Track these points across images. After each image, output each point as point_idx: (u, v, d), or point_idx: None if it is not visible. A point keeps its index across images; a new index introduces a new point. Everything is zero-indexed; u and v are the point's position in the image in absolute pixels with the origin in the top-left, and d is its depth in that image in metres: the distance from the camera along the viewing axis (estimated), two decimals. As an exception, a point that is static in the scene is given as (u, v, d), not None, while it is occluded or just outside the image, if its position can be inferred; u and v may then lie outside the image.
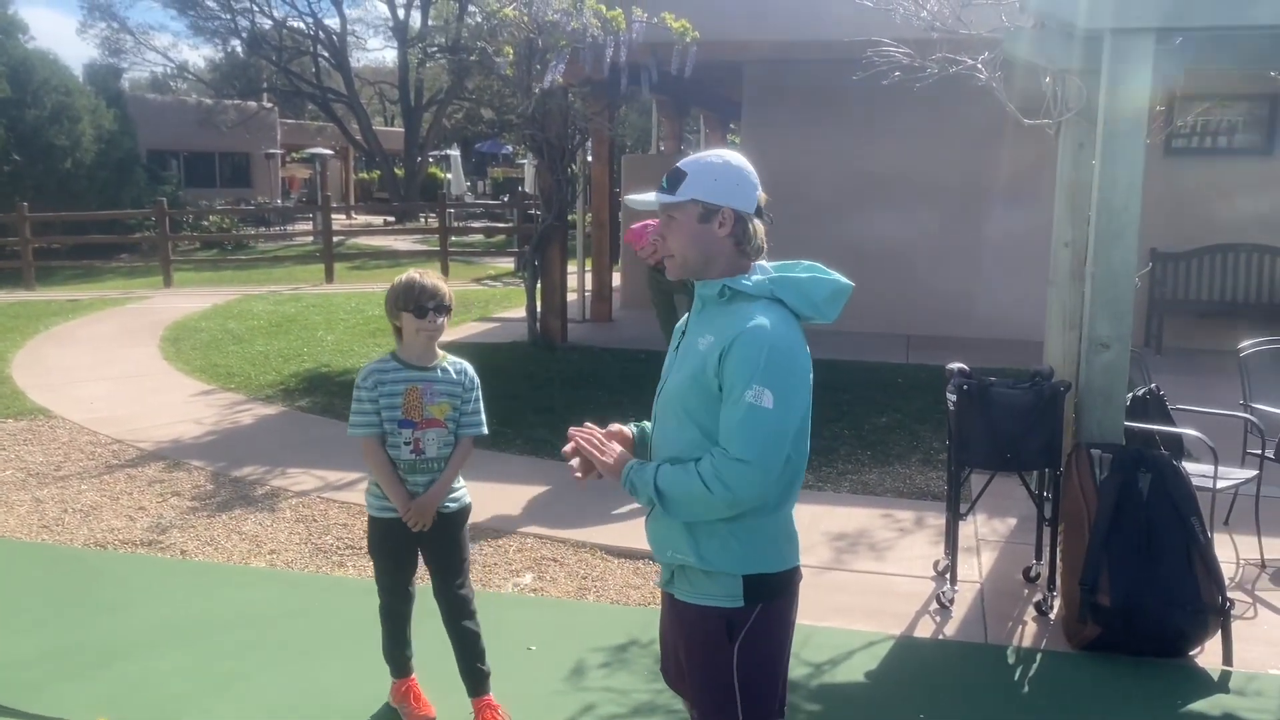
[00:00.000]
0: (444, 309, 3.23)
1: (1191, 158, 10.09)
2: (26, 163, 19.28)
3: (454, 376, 3.29)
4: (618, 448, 2.28)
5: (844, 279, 2.22)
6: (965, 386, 4.23)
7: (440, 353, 3.33)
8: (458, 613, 3.36)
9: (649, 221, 6.02)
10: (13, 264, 16.60)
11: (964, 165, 10.58)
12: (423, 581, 3.44)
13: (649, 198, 2.25)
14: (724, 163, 2.20)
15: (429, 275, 3.25)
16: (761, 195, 2.21)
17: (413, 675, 3.52)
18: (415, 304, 3.18)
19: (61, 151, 19.98)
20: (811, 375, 2.17)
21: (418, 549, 3.38)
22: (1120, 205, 4.12)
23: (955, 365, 4.41)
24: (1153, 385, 4.95)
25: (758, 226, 2.20)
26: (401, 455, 3.23)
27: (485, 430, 3.40)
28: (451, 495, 3.33)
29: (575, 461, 2.30)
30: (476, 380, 3.35)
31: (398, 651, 3.49)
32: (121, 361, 9.84)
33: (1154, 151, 4.29)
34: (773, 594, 2.19)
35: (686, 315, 2.34)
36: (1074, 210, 5.24)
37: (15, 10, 20.92)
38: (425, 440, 3.22)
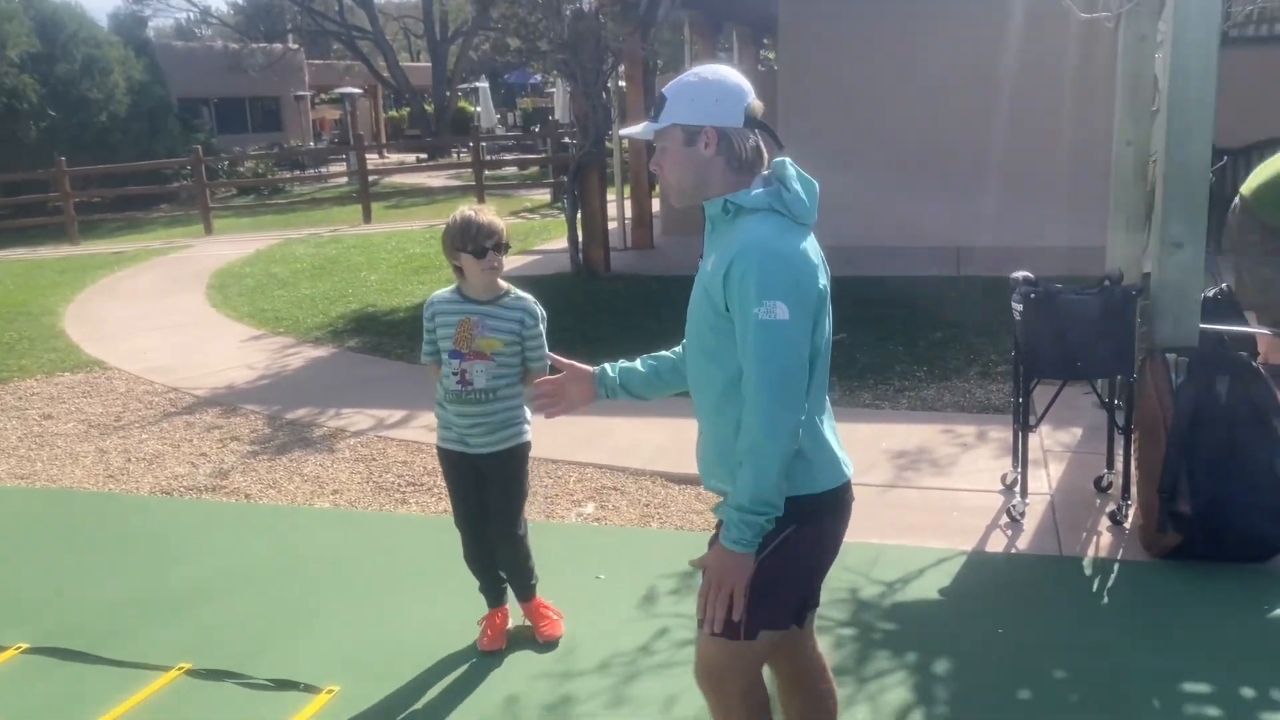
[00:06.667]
0: (502, 247, 3.22)
1: (1249, 48, 9.68)
2: (61, 117, 19.34)
3: (513, 312, 3.27)
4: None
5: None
6: (1032, 295, 4.10)
7: (505, 286, 3.31)
8: (508, 548, 3.43)
9: None
10: (55, 219, 16.77)
11: (1014, 66, 10.23)
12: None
13: (640, 129, 2.17)
14: (700, 80, 2.11)
15: (484, 213, 3.22)
16: (753, 104, 2.10)
17: (499, 606, 3.54)
18: (473, 244, 3.18)
19: (95, 105, 20.03)
20: (825, 282, 2.08)
21: (479, 483, 3.38)
22: (1193, 97, 3.92)
23: (1020, 274, 4.27)
24: (1223, 285, 4.79)
25: (746, 139, 2.10)
26: (448, 385, 3.28)
27: (547, 363, 3.35)
28: (511, 430, 3.32)
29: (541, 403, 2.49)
30: (539, 314, 3.32)
31: (482, 586, 3.53)
32: (170, 311, 9.92)
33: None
34: (806, 517, 2.10)
35: None
36: (1136, 107, 5.04)
37: (38, -38, 20.83)
38: (472, 372, 3.24)
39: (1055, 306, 4.07)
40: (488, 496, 3.39)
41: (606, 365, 2.48)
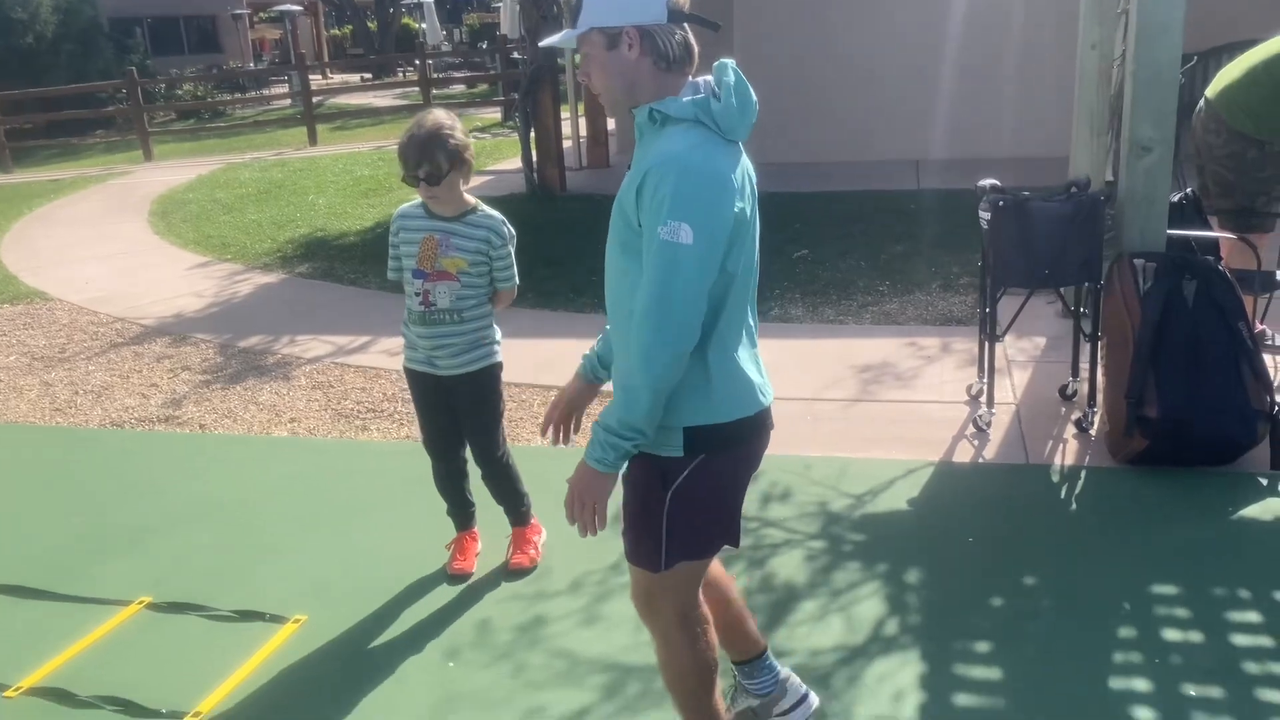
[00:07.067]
0: (435, 178, 3.00)
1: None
2: (-16, 40, 18.50)
3: (479, 230, 3.12)
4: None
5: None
6: (1000, 203, 4.04)
7: (472, 203, 3.16)
8: (490, 471, 3.39)
9: None
10: (-14, 147, 16.10)
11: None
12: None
13: (559, 37, 2.06)
14: None
15: (427, 128, 2.97)
16: None
17: (468, 529, 3.49)
18: (407, 172, 3.03)
19: (20, 25, 19.13)
20: (744, 205, 1.95)
21: (448, 404, 3.27)
22: (1164, -4, 3.83)
23: (987, 181, 4.20)
24: (1188, 190, 4.76)
25: (672, 34, 1.95)
26: (412, 306, 3.16)
27: (515, 283, 3.26)
28: (480, 351, 3.21)
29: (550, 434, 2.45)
30: (507, 233, 3.18)
31: (450, 510, 3.47)
32: (112, 239, 9.61)
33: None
34: (716, 446, 2.03)
35: None
36: (1101, 9, 4.96)
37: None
38: (435, 292, 3.10)
39: (1024, 214, 4.02)
40: (457, 418, 3.29)
41: (584, 355, 2.40)
